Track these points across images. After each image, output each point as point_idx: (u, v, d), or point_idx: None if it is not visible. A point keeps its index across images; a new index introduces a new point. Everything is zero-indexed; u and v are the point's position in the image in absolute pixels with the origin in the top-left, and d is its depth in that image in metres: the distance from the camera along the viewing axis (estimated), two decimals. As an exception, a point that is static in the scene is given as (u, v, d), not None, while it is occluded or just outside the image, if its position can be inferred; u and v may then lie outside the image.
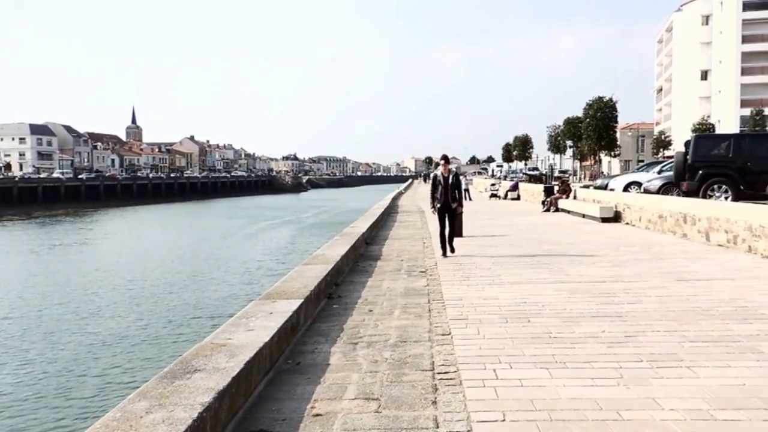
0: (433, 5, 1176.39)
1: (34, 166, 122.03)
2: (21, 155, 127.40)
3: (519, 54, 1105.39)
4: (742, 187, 18.06)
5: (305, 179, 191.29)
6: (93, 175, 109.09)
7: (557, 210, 26.42)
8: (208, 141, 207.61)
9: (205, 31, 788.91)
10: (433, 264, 11.56)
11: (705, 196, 18.18)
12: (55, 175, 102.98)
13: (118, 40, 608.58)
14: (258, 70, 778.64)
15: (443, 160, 12.59)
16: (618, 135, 69.97)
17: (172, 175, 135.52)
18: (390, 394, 4.75)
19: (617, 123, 68.43)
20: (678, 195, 19.44)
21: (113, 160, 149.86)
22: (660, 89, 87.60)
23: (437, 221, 12.64)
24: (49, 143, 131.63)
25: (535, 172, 76.94)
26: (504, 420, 4.14)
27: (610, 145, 66.83)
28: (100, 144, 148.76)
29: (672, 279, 9.51)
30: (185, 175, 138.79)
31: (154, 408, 3.59)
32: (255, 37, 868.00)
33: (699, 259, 11.76)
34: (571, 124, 77.78)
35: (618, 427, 3.98)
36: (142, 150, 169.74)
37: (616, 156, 74.04)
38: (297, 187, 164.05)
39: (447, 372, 5.20)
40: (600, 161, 75.50)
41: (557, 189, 28.45)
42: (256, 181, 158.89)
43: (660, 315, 7.08)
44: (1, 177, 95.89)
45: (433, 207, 12.63)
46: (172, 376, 4.21)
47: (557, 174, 61.33)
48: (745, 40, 65.18)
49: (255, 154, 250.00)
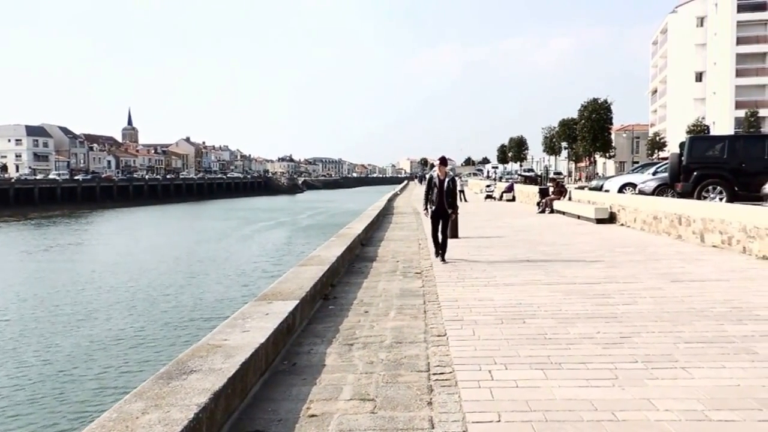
0: (430, 7, 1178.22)
1: (30, 167, 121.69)
2: (17, 156, 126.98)
3: (514, 55, 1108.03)
4: (736, 189, 18.13)
5: (301, 181, 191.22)
6: (89, 177, 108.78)
7: (552, 211, 26.45)
8: (204, 142, 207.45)
9: (201, 33, 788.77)
10: (429, 265, 11.57)
11: (700, 197, 18.25)
12: (52, 177, 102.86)
13: (114, 41, 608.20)
14: (254, 71, 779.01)
15: (440, 161, 12.15)
16: (613, 136, 70.10)
17: (168, 177, 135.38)
18: (385, 394, 4.76)
19: (612, 124, 68.63)
20: (673, 196, 19.48)
21: (109, 161, 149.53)
22: (655, 91, 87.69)
23: (430, 225, 12.31)
24: (45, 144, 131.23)
25: (531, 173, 77.11)
26: (499, 421, 4.15)
27: (605, 147, 67.06)
28: (96, 145, 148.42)
29: (667, 280, 9.53)
30: (181, 177, 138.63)
31: (150, 408, 3.60)
32: (251, 39, 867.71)
33: (694, 260, 11.79)
34: (566, 125, 78.11)
35: (613, 428, 4.00)
36: (138, 151, 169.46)
37: (611, 157, 74.25)
38: (292, 189, 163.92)
39: (442, 373, 5.21)
40: (595, 162, 75.71)
41: (552, 191, 28.49)
42: (251, 183, 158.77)
43: (655, 316, 7.10)
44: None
45: (426, 210, 12.24)
46: (168, 376, 4.21)
47: (552, 175, 61.42)
48: (740, 41, 65.33)
49: (251, 155, 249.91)
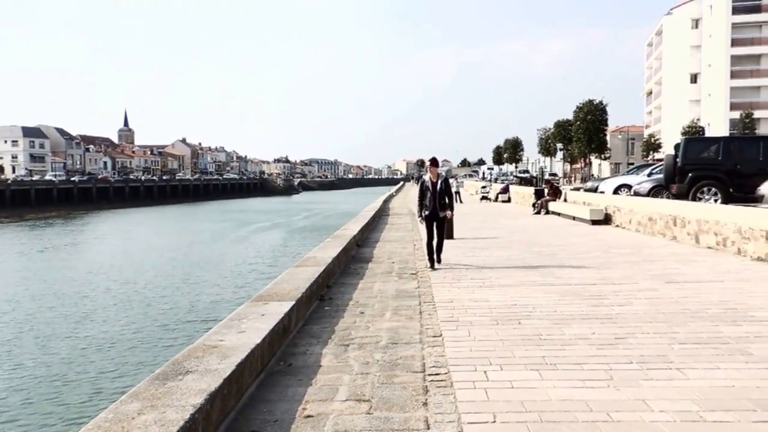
0: (426, 9, 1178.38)
1: (26, 168, 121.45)
2: (13, 158, 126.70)
3: (510, 57, 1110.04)
4: (731, 190, 18.18)
5: (297, 182, 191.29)
6: (85, 178, 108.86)
7: (548, 212, 26.49)
8: (200, 143, 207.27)
9: (197, 34, 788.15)
10: (424, 266, 11.57)
11: (695, 198, 18.29)
12: (48, 178, 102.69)
13: (110, 43, 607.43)
14: (250, 72, 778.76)
15: (431, 163, 11.45)
16: (608, 138, 70.31)
17: (164, 178, 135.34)
18: (381, 395, 4.76)
19: (607, 126, 68.81)
20: (668, 197, 19.53)
21: (105, 162, 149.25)
22: (650, 92, 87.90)
23: (425, 230, 11.54)
24: (42, 146, 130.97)
25: (526, 174, 77.20)
26: (494, 421, 4.16)
27: (600, 148, 67.21)
28: (92, 146, 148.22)
29: (662, 281, 9.55)
30: (177, 178, 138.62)
31: (146, 409, 3.60)
32: (247, 40, 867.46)
33: (689, 262, 11.82)
34: (562, 126, 78.31)
35: (608, 429, 4.01)
36: (134, 152, 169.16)
37: (606, 159, 74.42)
38: (288, 190, 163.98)
39: (438, 374, 5.21)
40: (590, 164, 75.81)
41: (546, 192, 28.54)
42: (247, 184, 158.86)
43: (650, 317, 7.12)
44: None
45: (420, 215, 11.50)
46: (164, 377, 4.21)
47: (547, 177, 61.53)
48: (735, 43, 65.46)
49: (247, 156, 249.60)
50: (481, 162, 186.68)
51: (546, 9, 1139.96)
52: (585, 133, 65.48)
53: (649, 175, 24.35)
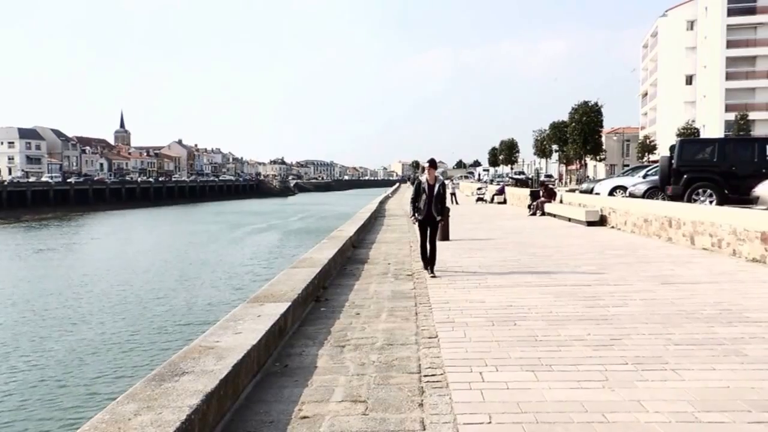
0: (422, 11, 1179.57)
1: (22, 170, 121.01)
2: (10, 159, 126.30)
3: (506, 59, 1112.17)
4: (726, 191, 18.23)
5: (293, 183, 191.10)
6: (82, 179, 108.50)
7: (543, 214, 26.53)
8: (196, 145, 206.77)
9: (194, 36, 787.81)
10: (420, 267, 11.57)
11: (690, 200, 18.33)
12: (44, 179, 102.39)
13: (106, 44, 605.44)
14: (246, 74, 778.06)
15: (429, 164, 11.06)
16: (603, 139, 70.23)
17: (160, 179, 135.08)
18: (377, 396, 4.77)
19: (603, 127, 68.77)
20: (663, 199, 19.57)
21: (102, 164, 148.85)
22: (645, 94, 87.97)
23: (418, 233, 11.34)
24: (38, 147, 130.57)
25: (522, 176, 77.25)
26: (490, 422, 4.17)
27: (595, 150, 67.19)
28: (88, 148, 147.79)
29: (657, 282, 9.58)
30: (173, 179, 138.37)
31: (142, 410, 3.60)
32: (243, 41, 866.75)
33: (684, 263, 11.84)
34: (557, 128, 78.38)
35: (603, 429, 4.02)
36: (130, 154, 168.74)
37: (601, 160, 74.46)
38: (284, 191, 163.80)
39: (434, 375, 5.22)
40: (586, 165, 75.87)
41: (541, 193, 28.58)
42: (243, 185, 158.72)
43: (645, 318, 7.14)
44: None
45: (414, 218, 11.22)
46: (160, 378, 4.21)
47: (542, 179, 61.60)
48: (730, 45, 65.60)
49: (243, 158, 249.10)
50: (477, 163, 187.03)
51: (542, 11, 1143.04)
52: (580, 135, 65.47)
53: (645, 177, 24.38)
